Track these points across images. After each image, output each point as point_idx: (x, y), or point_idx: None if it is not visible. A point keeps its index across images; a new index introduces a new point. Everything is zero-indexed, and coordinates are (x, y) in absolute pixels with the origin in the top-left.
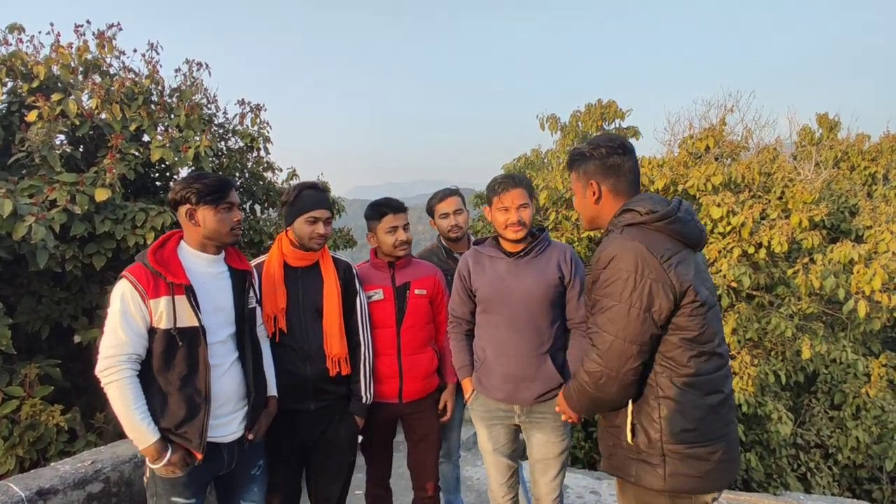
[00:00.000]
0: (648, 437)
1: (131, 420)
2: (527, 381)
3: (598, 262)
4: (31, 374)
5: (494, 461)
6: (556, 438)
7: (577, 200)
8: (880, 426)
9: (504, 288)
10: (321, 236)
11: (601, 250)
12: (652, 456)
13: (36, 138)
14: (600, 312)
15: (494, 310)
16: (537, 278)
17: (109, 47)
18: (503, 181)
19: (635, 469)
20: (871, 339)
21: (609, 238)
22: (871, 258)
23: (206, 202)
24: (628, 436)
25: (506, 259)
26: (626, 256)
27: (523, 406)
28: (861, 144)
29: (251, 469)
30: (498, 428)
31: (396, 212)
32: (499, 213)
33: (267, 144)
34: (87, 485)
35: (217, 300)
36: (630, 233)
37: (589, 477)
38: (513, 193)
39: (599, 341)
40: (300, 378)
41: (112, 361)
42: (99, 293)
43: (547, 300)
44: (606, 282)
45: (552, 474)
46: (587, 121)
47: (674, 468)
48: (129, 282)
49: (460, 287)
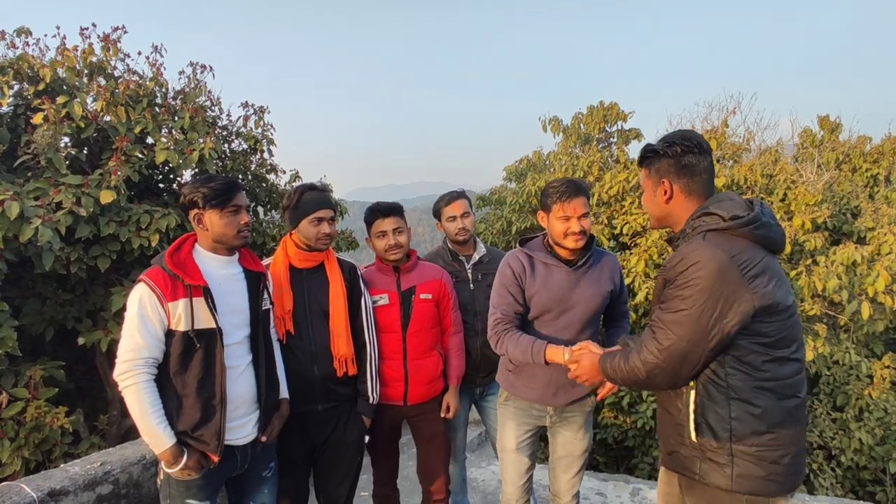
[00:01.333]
0: (716, 437)
1: (148, 424)
2: (568, 386)
3: (677, 263)
4: (35, 375)
5: (515, 459)
6: (581, 436)
7: (646, 197)
8: (883, 428)
9: (565, 299)
10: (327, 235)
11: (682, 252)
12: (719, 455)
13: (41, 140)
14: (670, 311)
15: (547, 318)
16: (596, 290)
17: (114, 50)
18: (566, 188)
19: (700, 467)
20: (873, 341)
21: (691, 243)
22: (874, 260)
23: (212, 206)
24: (692, 434)
25: (564, 268)
26: (709, 265)
27: (557, 407)
28: (863, 146)
29: (263, 471)
30: (526, 427)
31: (386, 216)
32: (559, 221)
33: (270, 147)
34: (96, 486)
35: (233, 302)
36: (714, 239)
37: (594, 478)
38: (576, 202)
39: (663, 337)
40: (308, 379)
41: (129, 366)
42: (103, 295)
43: (601, 310)
44: (683, 284)
45: (574, 471)
46: (589, 123)
47: (743, 469)
48: (146, 285)
49: (514, 286)
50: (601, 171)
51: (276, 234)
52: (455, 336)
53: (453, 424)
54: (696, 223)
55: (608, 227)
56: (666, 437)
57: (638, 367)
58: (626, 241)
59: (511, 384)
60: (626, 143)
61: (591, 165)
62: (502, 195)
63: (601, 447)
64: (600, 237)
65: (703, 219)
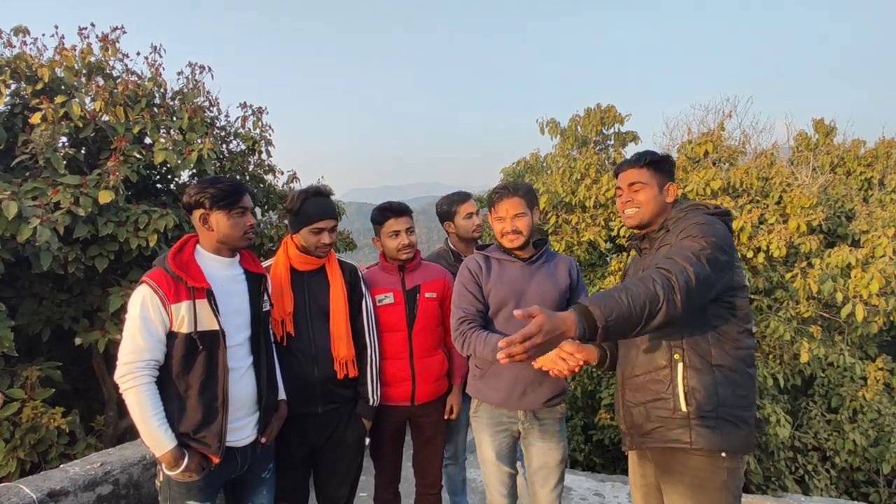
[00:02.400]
0: (705, 403)
1: (149, 427)
2: (535, 385)
3: (690, 225)
4: (32, 376)
5: (497, 471)
6: (555, 445)
7: (649, 194)
8: (877, 429)
9: (521, 291)
10: (326, 246)
11: (685, 220)
12: (708, 420)
13: (39, 140)
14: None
15: (505, 313)
16: (551, 284)
17: (113, 50)
18: (499, 190)
19: (692, 435)
20: (867, 343)
21: (696, 214)
22: (869, 262)
23: (219, 207)
24: (682, 404)
25: (519, 263)
26: (721, 226)
27: (527, 411)
28: (857, 150)
29: (262, 472)
30: (502, 436)
31: (399, 215)
32: (496, 221)
33: (269, 147)
34: (96, 487)
35: (235, 303)
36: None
37: (592, 479)
38: (507, 203)
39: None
40: (308, 381)
41: (130, 368)
42: (100, 295)
43: (558, 305)
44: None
45: (552, 484)
46: (587, 125)
47: (728, 430)
48: (149, 287)
49: (472, 284)
50: (598, 174)
51: (274, 234)
52: None
53: (455, 426)
54: (684, 209)
55: (605, 230)
56: (642, 417)
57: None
58: (622, 244)
59: (478, 390)
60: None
61: (588, 168)
62: None
63: (598, 448)
64: (597, 239)
65: (689, 206)
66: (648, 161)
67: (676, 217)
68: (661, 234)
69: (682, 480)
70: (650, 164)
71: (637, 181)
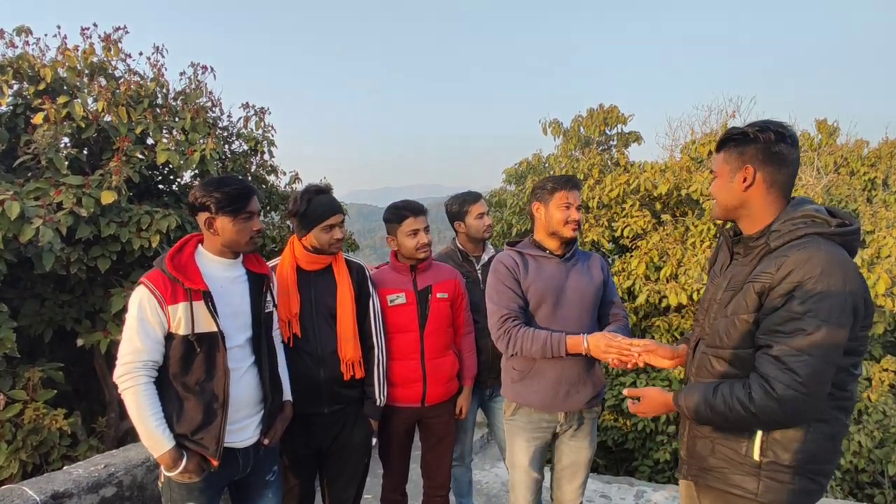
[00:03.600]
0: (788, 456)
1: (147, 427)
2: (579, 385)
3: (792, 274)
4: (34, 377)
5: (527, 477)
6: (587, 444)
7: (718, 184)
8: (882, 430)
9: (560, 287)
10: (339, 241)
11: (798, 260)
12: (783, 473)
13: (42, 141)
14: (802, 335)
15: (544, 311)
16: (588, 280)
17: (115, 50)
18: (565, 180)
19: (759, 486)
20: (873, 344)
21: (806, 249)
22: (874, 263)
23: (225, 212)
24: (756, 453)
25: (555, 259)
26: (837, 271)
27: (569, 413)
28: (860, 150)
29: (266, 475)
30: (538, 441)
31: (417, 214)
32: (559, 209)
33: (271, 148)
34: (100, 489)
35: (235, 304)
36: (828, 244)
37: (598, 481)
38: (574, 193)
39: (801, 367)
40: (314, 382)
41: (128, 368)
42: (103, 296)
43: (595, 301)
44: (813, 299)
45: (579, 480)
46: (590, 125)
47: (804, 485)
48: (146, 288)
49: (511, 280)
50: (601, 174)
51: (276, 235)
52: (467, 336)
53: (463, 426)
54: (797, 224)
55: (608, 230)
56: (706, 450)
57: (758, 407)
58: (626, 244)
59: (517, 393)
60: (625, 145)
61: (591, 168)
62: (502, 198)
63: (601, 450)
64: (601, 240)
65: (803, 220)
66: (721, 142)
67: (783, 234)
68: (760, 245)
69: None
70: (722, 146)
71: (714, 169)
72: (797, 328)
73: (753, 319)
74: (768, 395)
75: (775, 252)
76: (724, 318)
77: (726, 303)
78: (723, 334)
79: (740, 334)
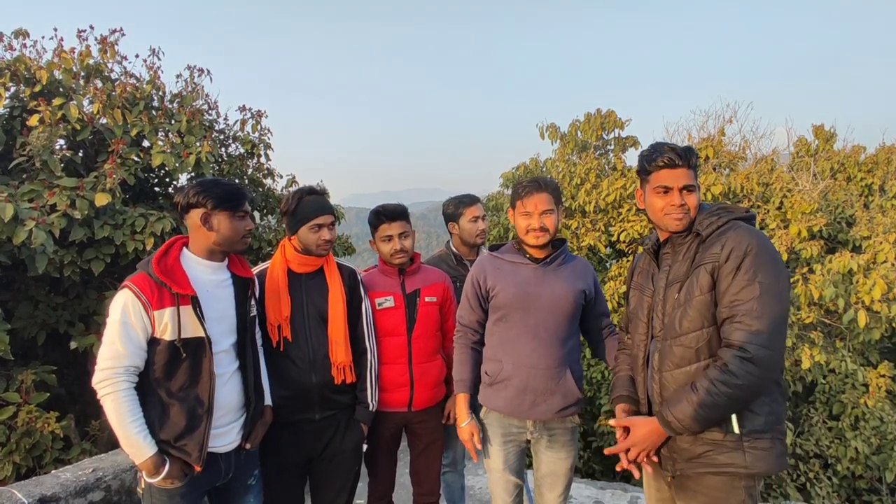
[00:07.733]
0: (762, 422)
1: (127, 434)
2: (546, 395)
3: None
4: (27, 380)
5: (503, 480)
6: (564, 455)
7: (697, 197)
8: (879, 437)
9: (531, 293)
10: (327, 242)
11: (737, 238)
12: (763, 440)
13: (37, 143)
14: (756, 299)
15: (515, 317)
16: (565, 286)
17: (112, 52)
18: (528, 185)
19: (747, 458)
20: (869, 350)
21: (738, 230)
22: (871, 268)
23: (223, 208)
24: (735, 426)
25: (531, 265)
26: (766, 242)
27: (537, 422)
28: (857, 156)
29: (247, 479)
30: (510, 446)
31: (392, 220)
32: (521, 217)
33: (268, 151)
34: (88, 493)
35: (220, 309)
36: (747, 224)
37: (592, 487)
38: (536, 198)
39: (764, 324)
40: (305, 387)
41: (108, 374)
42: (96, 299)
43: (573, 310)
44: (757, 265)
45: (559, 490)
46: (587, 130)
47: (780, 448)
48: (131, 292)
49: (472, 294)
50: (598, 179)
51: (273, 238)
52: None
53: (454, 432)
54: (717, 214)
55: (605, 234)
56: (688, 441)
57: (740, 375)
58: (623, 249)
59: (487, 398)
60: (623, 150)
61: (588, 173)
62: (499, 201)
63: (597, 455)
64: (597, 244)
65: (719, 211)
66: (690, 162)
67: (710, 222)
68: (688, 241)
69: (698, 499)
70: (691, 164)
71: (692, 184)
72: (752, 294)
73: (710, 298)
74: (744, 360)
75: (709, 238)
76: (679, 308)
77: (676, 293)
78: (681, 320)
79: (698, 314)
